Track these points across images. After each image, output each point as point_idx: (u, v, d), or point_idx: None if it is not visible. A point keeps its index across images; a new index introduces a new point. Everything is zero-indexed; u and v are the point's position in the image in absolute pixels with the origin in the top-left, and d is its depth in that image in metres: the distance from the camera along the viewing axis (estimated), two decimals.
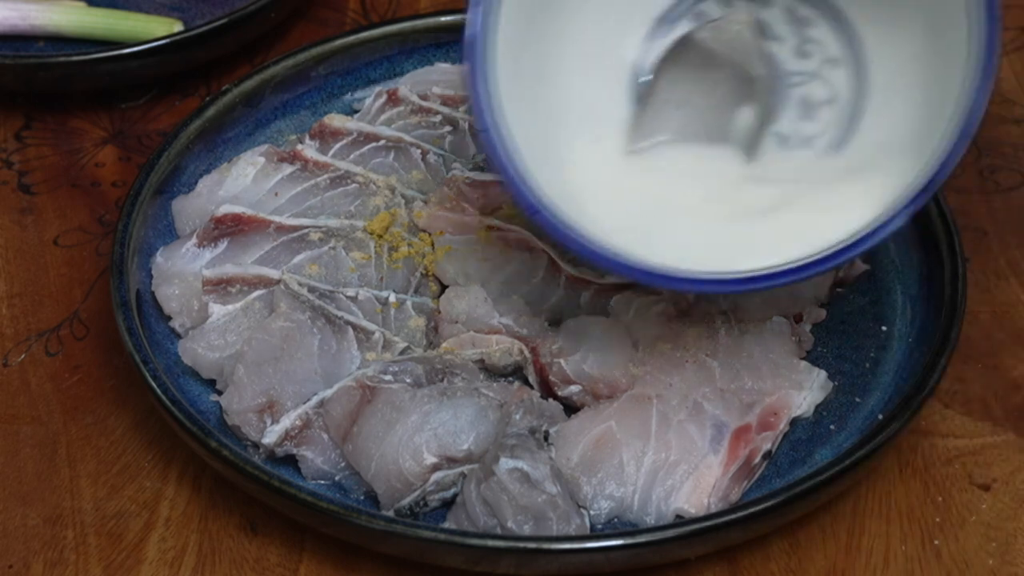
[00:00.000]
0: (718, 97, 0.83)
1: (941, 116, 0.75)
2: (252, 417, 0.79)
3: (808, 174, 0.82)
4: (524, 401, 0.79)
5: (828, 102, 0.83)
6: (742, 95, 0.83)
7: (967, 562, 0.78)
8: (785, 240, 0.78)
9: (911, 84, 0.79)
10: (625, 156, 0.84)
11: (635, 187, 0.83)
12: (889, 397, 0.81)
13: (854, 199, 0.78)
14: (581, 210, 0.79)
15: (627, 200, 0.82)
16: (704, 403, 0.80)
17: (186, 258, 0.87)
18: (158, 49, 1.03)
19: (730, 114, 0.83)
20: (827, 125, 0.83)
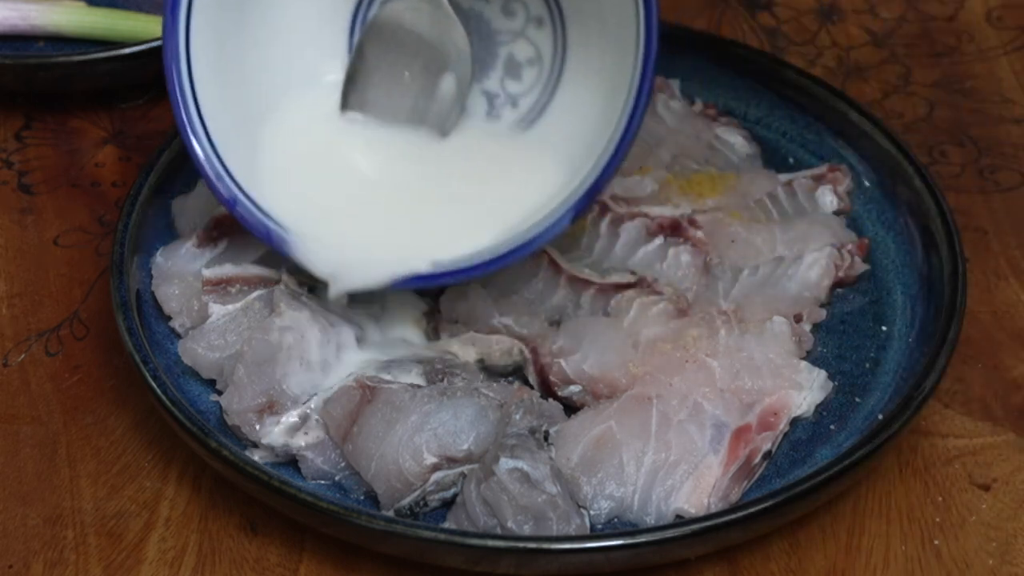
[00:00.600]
0: (417, 70, 0.86)
1: (613, 114, 0.79)
2: (252, 417, 0.79)
3: (497, 152, 0.87)
4: (524, 401, 0.79)
5: (532, 62, 0.87)
6: (442, 64, 0.86)
7: (967, 562, 0.78)
8: (469, 228, 0.83)
9: (600, 63, 0.83)
10: (329, 131, 0.87)
11: (332, 169, 0.86)
12: (889, 397, 0.81)
13: (534, 186, 0.83)
14: (283, 194, 0.83)
15: (325, 186, 0.85)
16: (704, 403, 0.80)
17: (186, 258, 0.87)
18: (158, 49, 1.03)
19: (432, 86, 0.86)
20: (531, 85, 0.87)
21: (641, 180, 0.92)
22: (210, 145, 0.82)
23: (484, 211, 0.84)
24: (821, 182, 0.94)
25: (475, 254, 0.81)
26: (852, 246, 0.90)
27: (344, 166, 0.87)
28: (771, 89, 0.99)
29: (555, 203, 0.80)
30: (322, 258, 0.82)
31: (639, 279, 0.86)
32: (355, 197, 0.85)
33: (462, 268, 0.81)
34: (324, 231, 0.83)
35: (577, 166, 0.81)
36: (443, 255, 0.81)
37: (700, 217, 0.91)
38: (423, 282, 0.81)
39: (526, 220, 0.82)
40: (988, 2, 1.15)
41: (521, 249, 0.80)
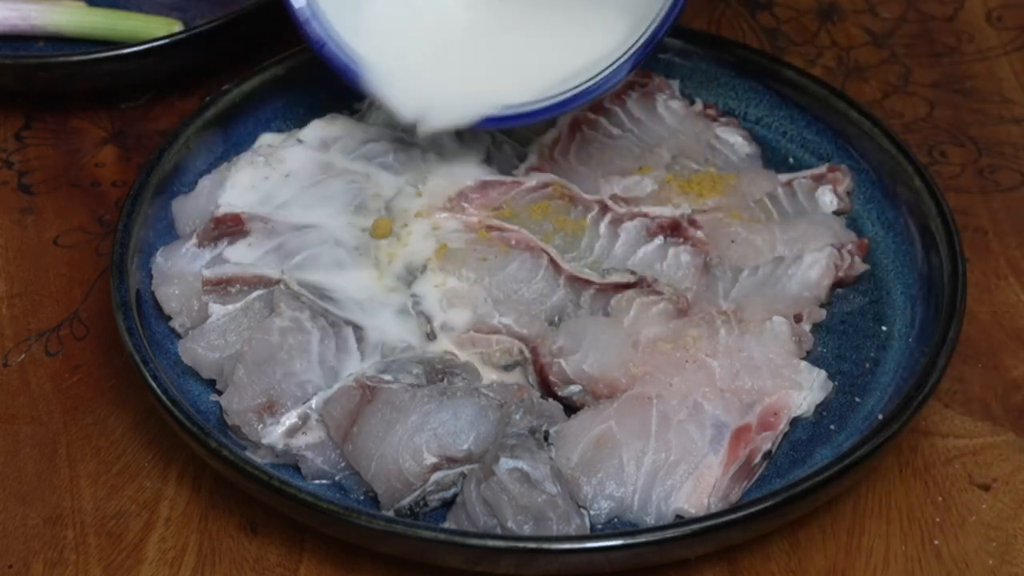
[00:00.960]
0: None
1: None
2: (252, 417, 0.79)
3: (568, 3, 0.91)
4: (524, 401, 0.79)
5: None
6: None
7: (967, 562, 0.78)
8: (539, 74, 0.88)
9: None
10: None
11: (418, 16, 0.92)
12: (889, 397, 0.81)
13: (599, 38, 0.88)
14: (370, 38, 0.89)
15: (411, 31, 0.91)
16: (704, 403, 0.80)
17: (186, 258, 0.87)
18: (158, 49, 1.03)
19: None
20: None
21: (641, 180, 0.92)
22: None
23: (553, 59, 0.90)
24: (821, 182, 0.94)
25: (542, 99, 0.87)
26: (852, 246, 0.90)
27: (429, 13, 0.92)
28: (771, 89, 0.99)
29: (615, 55, 0.86)
30: (408, 100, 0.89)
31: (639, 279, 0.86)
32: (438, 43, 0.92)
33: (530, 111, 0.88)
34: (409, 75, 0.89)
35: (635, 21, 0.86)
36: (514, 99, 0.88)
37: (700, 217, 0.91)
38: (496, 123, 0.89)
39: (590, 69, 0.87)
40: (988, 2, 1.15)
41: (584, 95, 0.86)
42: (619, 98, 0.97)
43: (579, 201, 0.91)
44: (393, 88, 0.89)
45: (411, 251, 0.88)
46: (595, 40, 0.89)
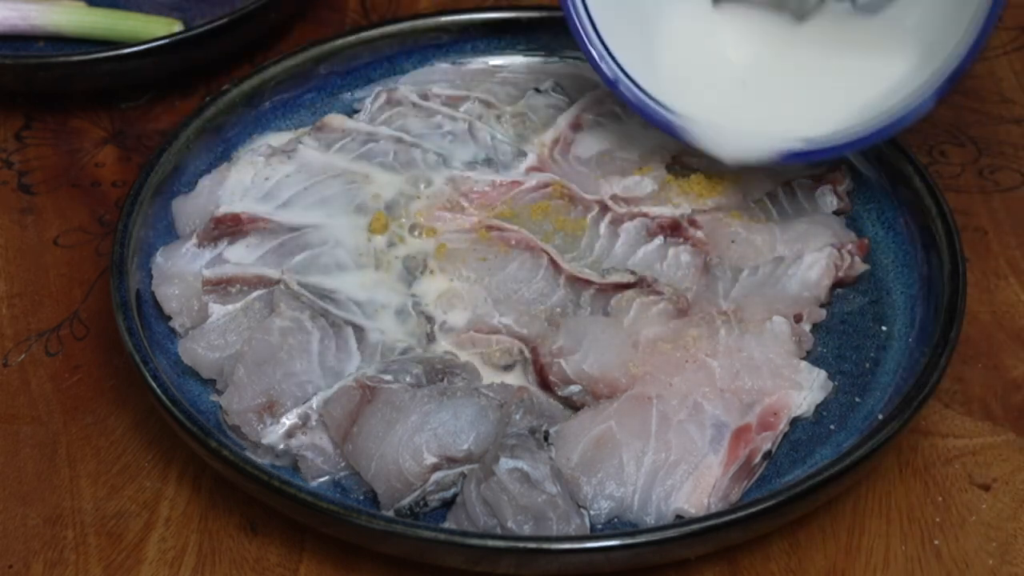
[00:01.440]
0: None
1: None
2: (252, 417, 0.79)
3: (854, 35, 0.91)
4: (524, 401, 0.79)
5: None
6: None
7: (967, 562, 0.78)
8: (835, 107, 0.90)
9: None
10: (705, 21, 0.94)
11: (710, 57, 0.94)
12: (889, 397, 0.81)
13: (889, 69, 0.89)
14: (656, 75, 0.91)
15: (704, 71, 0.93)
16: (704, 403, 0.80)
17: (186, 258, 0.87)
18: (158, 49, 1.03)
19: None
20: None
21: (641, 180, 0.92)
22: (593, 29, 0.90)
23: (846, 92, 0.90)
24: (821, 182, 0.94)
25: (842, 132, 0.88)
26: (852, 246, 0.90)
27: (720, 53, 0.94)
28: None
29: (911, 86, 0.87)
30: (709, 137, 0.90)
31: (639, 279, 0.86)
32: (731, 81, 0.93)
33: (835, 145, 0.89)
34: (706, 113, 0.91)
35: (929, 50, 0.87)
36: (814, 132, 0.89)
37: (700, 217, 0.91)
38: (800, 158, 0.89)
39: (883, 101, 0.88)
40: None
41: (889, 128, 0.87)
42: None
43: (579, 201, 0.91)
44: (692, 126, 0.90)
45: (411, 251, 0.88)
46: (887, 69, 0.90)
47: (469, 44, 1.03)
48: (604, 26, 0.90)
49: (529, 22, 1.03)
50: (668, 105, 0.91)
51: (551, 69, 1.02)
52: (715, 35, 0.95)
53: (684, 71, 0.93)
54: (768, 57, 0.94)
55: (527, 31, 1.03)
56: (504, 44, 1.03)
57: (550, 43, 1.02)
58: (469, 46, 1.03)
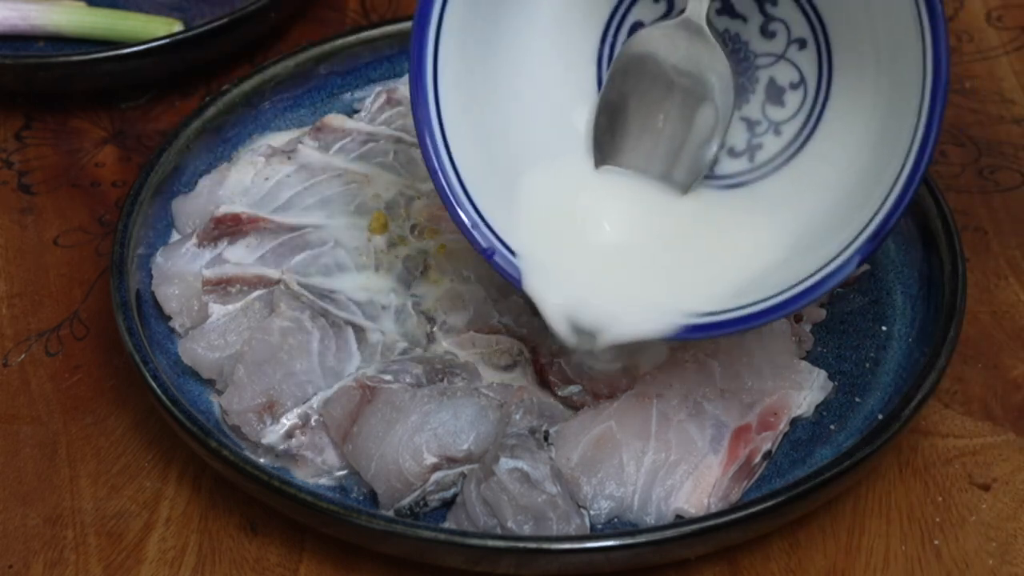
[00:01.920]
0: (674, 106, 0.82)
1: (896, 143, 0.74)
2: (252, 417, 0.79)
3: (754, 198, 0.82)
4: (524, 401, 0.79)
5: (795, 86, 0.82)
6: (700, 96, 0.81)
7: (967, 562, 0.78)
8: (732, 276, 0.79)
9: (875, 86, 0.78)
10: (582, 186, 0.83)
11: (587, 224, 0.82)
12: (889, 397, 0.81)
13: (801, 226, 0.78)
14: (538, 247, 0.79)
15: (580, 240, 0.82)
16: (704, 403, 0.80)
17: (186, 258, 0.87)
18: (158, 49, 1.03)
19: (690, 120, 0.82)
20: (794, 112, 0.82)
21: None
22: (465, 196, 0.79)
23: (743, 259, 0.80)
24: None
25: (747, 302, 0.76)
26: None
27: (601, 221, 0.83)
28: None
29: (826, 247, 0.75)
30: (585, 313, 0.78)
31: None
32: (612, 251, 0.82)
33: (733, 319, 0.76)
34: (584, 286, 0.79)
35: (849, 204, 0.76)
36: (708, 306, 0.77)
37: None
38: (698, 333, 0.76)
39: (789, 268, 0.77)
40: (988, 2, 1.15)
41: (802, 296, 0.74)
42: None
43: None
44: (566, 300, 0.79)
45: (411, 251, 0.88)
46: (790, 235, 0.79)
47: None
48: (475, 189, 0.79)
49: None
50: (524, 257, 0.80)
51: None
52: (594, 201, 0.83)
53: (553, 236, 0.81)
54: (658, 227, 0.83)
55: None
56: None
57: None
58: None
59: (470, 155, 0.79)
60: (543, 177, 0.83)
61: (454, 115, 0.79)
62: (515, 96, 0.83)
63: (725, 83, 0.80)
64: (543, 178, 0.83)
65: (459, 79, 0.79)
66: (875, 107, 0.77)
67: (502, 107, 0.82)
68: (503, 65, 0.82)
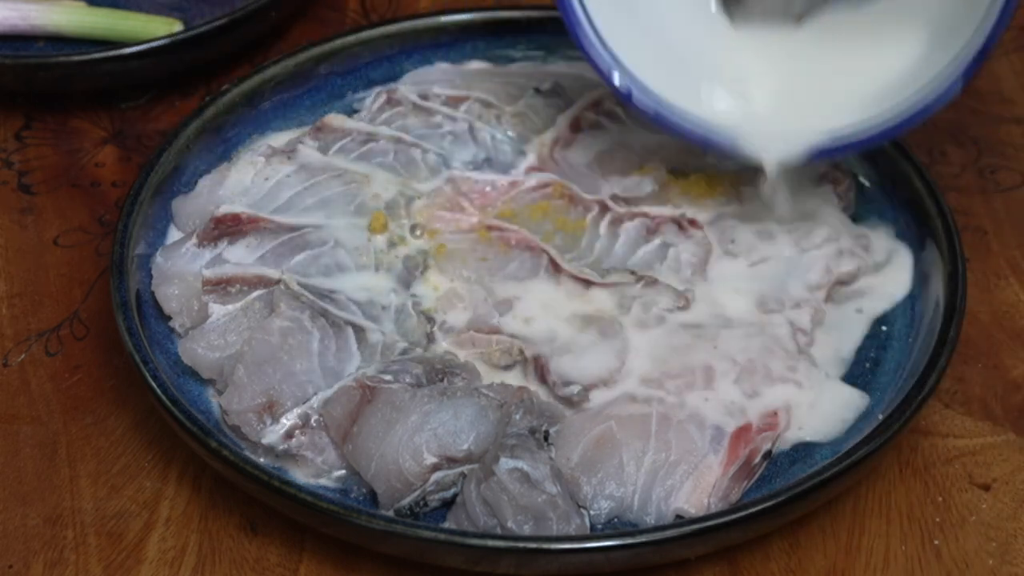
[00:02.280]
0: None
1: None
2: (252, 417, 0.79)
3: (862, 26, 0.89)
4: (524, 401, 0.79)
5: None
6: None
7: (967, 562, 0.78)
8: (858, 99, 0.88)
9: None
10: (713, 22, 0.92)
11: (727, 62, 0.91)
12: (889, 397, 0.81)
13: (905, 53, 0.87)
14: (671, 82, 0.89)
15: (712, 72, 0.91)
16: (704, 403, 0.80)
17: (186, 258, 0.87)
18: (158, 49, 1.03)
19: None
20: None
21: (641, 180, 0.92)
22: (598, 38, 0.88)
23: (866, 83, 0.88)
24: (821, 182, 0.94)
25: (871, 122, 0.86)
26: (852, 246, 0.90)
27: (733, 59, 0.92)
28: None
29: (933, 69, 0.84)
30: (750, 142, 0.88)
31: (639, 279, 0.86)
32: (754, 81, 0.91)
33: (864, 138, 0.86)
34: (732, 119, 0.89)
35: (946, 29, 0.84)
36: (840, 126, 0.87)
37: (700, 217, 0.91)
38: (833, 153, 0.87)
39: (905, 88, 0.85)
40: None
41: (919, 114, 0.84)
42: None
43: (579, 201, 0.91)
44: (746, 137, 0.89)
45: (411, 251, 0.88)
46: (902, 55, 0.88)
47: (469, 44, 1.03)
48: (610, 36, 0.89)
49: (529, 22, 1.03)
50: (690, 113, 0.89)
51: (551, 69, 1.02)
52: (728, 41, 0.93)
53: (697, 77, 0.91)
54: (788, 56, 0.92)
55: (527, 31, 1.03)
56: (504, 44, 1.03)
57: (550, 43, 1.03)
58: (469, 46, 1.03)
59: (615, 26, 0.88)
60: (675, 19, 0.92)
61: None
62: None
63: None
64: (675, 20, 0.92)
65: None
66: None
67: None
68: None
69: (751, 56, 0.92)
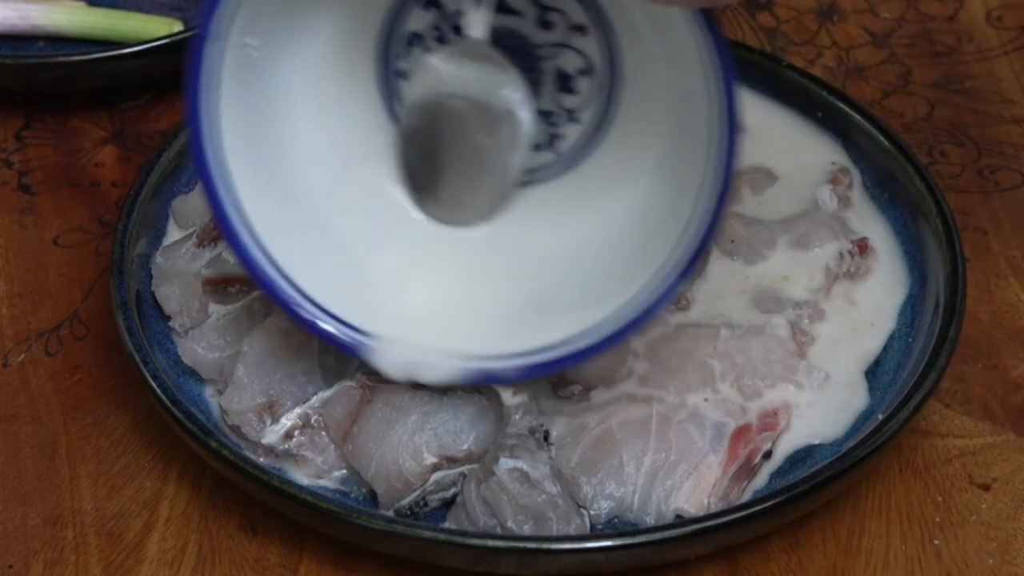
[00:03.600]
0: (475, 139, 0.79)
1: (695, 129, 0.72)
2: (252, 417, 0.79)
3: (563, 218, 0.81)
4: (524, 401, 0.79)
5: (583, 72, 0.80)
6: (499, 116, 0.78)
7: (967, 562, 0.78)
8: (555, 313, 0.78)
9: (666, 68, 0.75)
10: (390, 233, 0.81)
11: (399, 274, 0.81)
12: (889, 397, 0.81)
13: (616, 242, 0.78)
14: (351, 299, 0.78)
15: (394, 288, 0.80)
16: (704, 403, 0.80)
17: (186, 258, 0.87)
18: (158, 49, 1.03)
19: (493, 145, 0.79)
20: (588, 96, 0.80)
21: None
22: (269, 263, 0.77)
23: (567, 293, 0.78)
24: (821, 182, 0.94)
25: (572, 335, 0.75)
26: (852, 246, 0.90)
27: (412, 270, 0.81)
28: (771, 89, 0.99)
29: (648, 253, 0.73)
30: (394, 360, 0.77)
31: None
32: (426, 297, 0.80)
33: (554, 359, 0.75)
34: (398, 333, 0.78)
35: (660, 190, 0.75)
36: (527, 344, 0.76)
37: None
38: (500, 379, 0.77)
39: (611, 279, 0.76)
40: (988, 2, 1.15)
41: (627, 329, 0.73)
42: None
43: None
44: (381, 349, 0.77)
45: None
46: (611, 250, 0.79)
47: None
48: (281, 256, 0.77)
49: None
50: (348, 320, 0.78)
51: None
52: (404, 248, 0.82)
53: (366, 287, 0.80)
54: (470, 267, 0.81)
55: None
56: None
57: None
58: None
59: (278, 238, 0.77)
60: (348, 231, 0.81)
61: (247, 185, 0.76)
62: (305, 165, 0.81)
63: (520, 94, 0.78)
64: (348, 232, 0.81)
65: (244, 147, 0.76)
66: (669, 90, 0.76)
67: (296, 178, 0.80)
68: (288, 144, 0.80)
69: (438, 264, 0.81)
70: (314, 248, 0.80)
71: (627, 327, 0.74)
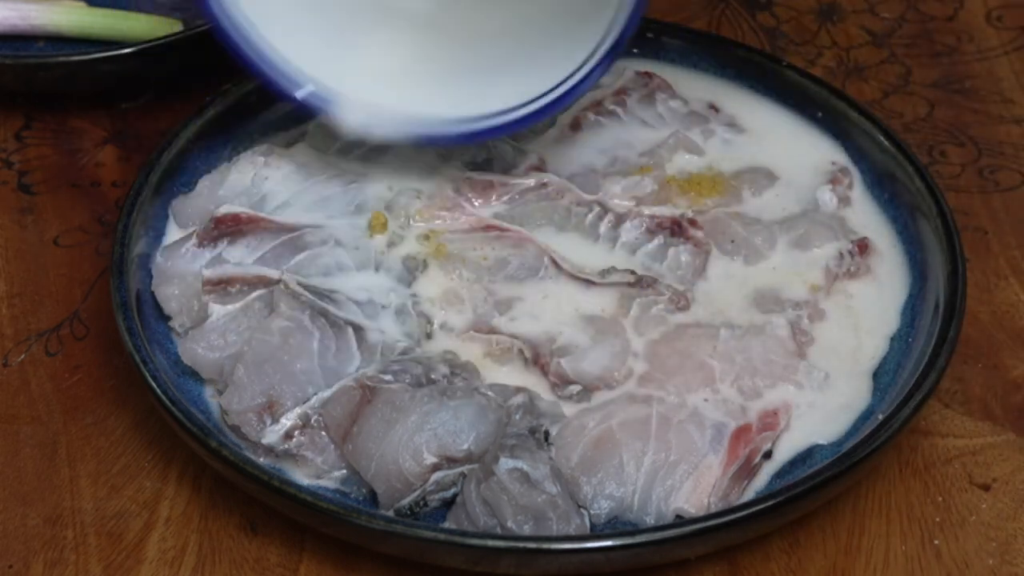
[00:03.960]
0: None
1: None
2: (252, 417, 0.79)
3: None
4: (524, 401, 0.79)
5: None
6: None
7: (967, 562, 0.78)
8: (499, 83, 0.84)
9: None
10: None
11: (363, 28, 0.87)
12: (889, 397, 0.81)
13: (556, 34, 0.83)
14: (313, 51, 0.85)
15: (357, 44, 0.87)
16: (704, 403, 0.80)
17: (186, 258, 0.87)
18: (158, 49, 1.03)
19: None
20: None
21: (641, 180, 0.92)
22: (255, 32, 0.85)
23: (514, 66, 0.85)
24: (821, 182, 0.94)
25: (507, 110, 0.83)
26: (852, 246, 0.90)
27: (375, 26, 0.88)
28: (771, 89, 0.99)
29: (579, 50, 0.80)
30: (353, 116, 0.86)
31: (639, 279, 0.86)
32: (387, 55, 0.87)
33: (489, 127, 0.83)
34: (355, 89, 0.86)
35: (588, 24, 0.81)
36: (472, 111, 0.84)
37: (700, 217, 0.91)
38: (449, 141, 0.85)
39: (549, 53, 0.82)
40: (988, 2, 1.15)
41: (558, 102, 0.81)
42: (620, 98, 0.97)
43: (579, 201, 0.91)
44: (339, 103, 0.86)
45: (411, 251, 0.88)
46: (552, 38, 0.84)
47: None
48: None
49: None
50: (308, 74, 0.86)
51: None
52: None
53: (327, 40, 0.87)
54: (433, 30, 0.87)
55: None
56: None
57: None
58: None
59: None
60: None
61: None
62: None
63: None
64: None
65: None
66: None
67: None
68: None
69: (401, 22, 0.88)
70: (292, 23, 0.86)
71: (562, 97, 0.81)
